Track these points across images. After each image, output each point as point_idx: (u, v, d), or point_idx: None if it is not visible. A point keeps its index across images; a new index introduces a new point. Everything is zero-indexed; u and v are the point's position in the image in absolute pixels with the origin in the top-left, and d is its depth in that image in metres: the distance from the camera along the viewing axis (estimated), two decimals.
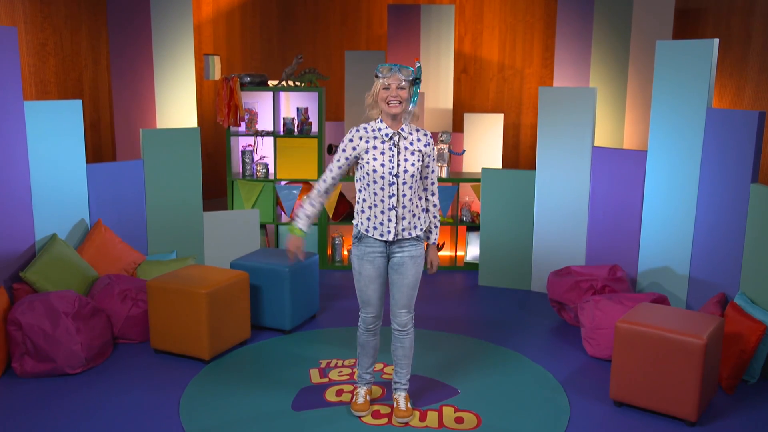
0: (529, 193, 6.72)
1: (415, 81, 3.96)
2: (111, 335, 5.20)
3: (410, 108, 3.97)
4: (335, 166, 4.06)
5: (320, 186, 4.11)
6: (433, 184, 4.12)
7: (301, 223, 4.08)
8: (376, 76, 3.97)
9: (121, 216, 6.12)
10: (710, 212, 5.55)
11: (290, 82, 7.48)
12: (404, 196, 4.01)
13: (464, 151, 7.80)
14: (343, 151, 4.04)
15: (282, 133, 7.39)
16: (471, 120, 7.93)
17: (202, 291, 4.94)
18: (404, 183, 3.99)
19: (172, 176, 6.40)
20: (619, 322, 4.43)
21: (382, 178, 3.98)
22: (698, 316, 4.52)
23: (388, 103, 3.92)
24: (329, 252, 7.63)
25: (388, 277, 4.18)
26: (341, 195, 7.48)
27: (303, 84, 7.33)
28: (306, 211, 4.11)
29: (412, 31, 8.57)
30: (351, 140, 4.02)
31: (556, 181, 6.53)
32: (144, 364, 5.02)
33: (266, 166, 7.40)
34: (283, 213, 7.60)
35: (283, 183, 7.54)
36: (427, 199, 4.15)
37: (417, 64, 3.98)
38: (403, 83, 3.92)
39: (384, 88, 3.94)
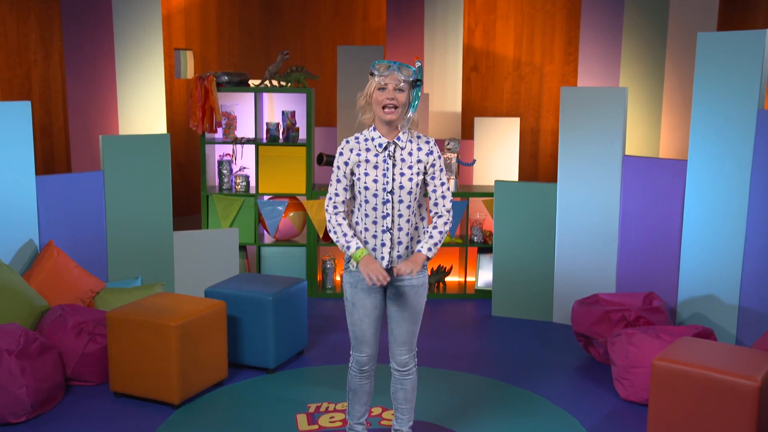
0: (549, 209, 6.72)
1: (416, 83, 3.96)
2: (63, 376, 5.15)
3: (409, 114, 3.97)
4: (340, 188, 4.04)
5: (336, 219, 4.04)
6: (444, 197, 4.05)
7: (354, 243, 4.00)
8: (371, 74, 3.96)
9: (77, 236, 6.10)
10: (763, 231, 5.51)
11: (274, 82, 7.50)
12: (400, 216, 4.00)
13: (474, 161, 7.82)
14: (338, 168, 4.04)
15: (265, 141, 7.42)
16: (482, 125, 7.96)
17: (171, 323, 4.92)
18: (400, 201, 3.98)
19: (138, 190, 6.39)
20: (656, 360, 4.39)
21: (375, 195, 3.98)
22: (750, 354, 4.47)
23: (383, 108, 3.92)
24: (319, 278, 7.65)
25: (386, 309, 4.16)
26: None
27: (289, 84, 7.36)
28: (345, 231, 4.03)
29: (415, 23, 8.59)
30: (341, 154, 4.03)
31: (581, 196, 6.54)
32: (102, 411, 4.96)
33: (246, 178, 7.42)
34: (266, 232, 7.62)
35: (266, 198, 7.56)
36: (437, 213, 4.09)
37: (417, 64, 3.99)
38: (402, 84, 3.92)
39: (379, 89, 3.93)
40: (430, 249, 3.99)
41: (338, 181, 4.04)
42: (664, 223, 6.11)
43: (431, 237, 4.02)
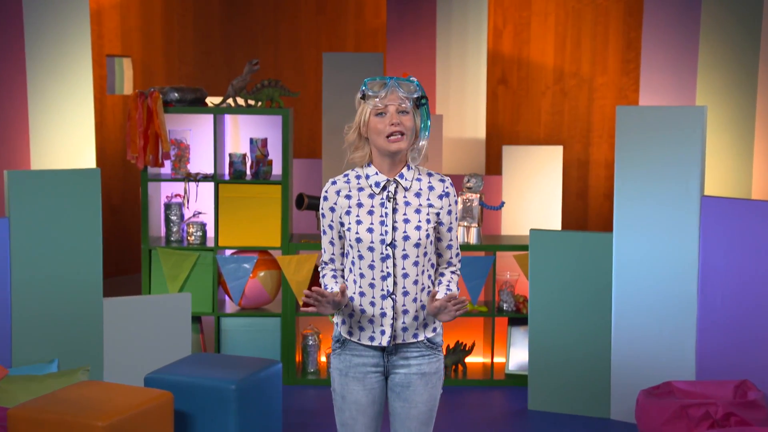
0: (603, 267, 6.70)
1: (421, 100, 4.04)
2: None
3: (422, 142, 4.04)
4: (326, 242, 4.15)
5: (322, 273, 4.18)
6: (450, 248, 4.16)
7: (329, 285, 4.15)
8: (363, 98, 4.02)
9: None
10: None
11: (240, 101, 7.57)
12: (405, 276, 4.03)
13: (503, 203, 7.77)
14: (323, 216, 4.11)
15: (227, 178, 7.47)
16: (513, 156, 7.98)
17: (98, 423, 4.86)
18: (404, 257, 4.02)
19: (56, 243, 6.36)
20: None
21: (371, 249, 4.00)
22: None
23: (387, 137, 3.96)
24: (298, 358, 7.64)
25: (387, 404, 4.15)
26: (316, 269, 7.51)
27: (260, 103, 7.41)
28: (327, 282, 4.17)
29: (425, 22, 8.66)
30: (326, 199, 4.09)
31: (645, 249, 6.52)
32: None
33: (202, 227, 7.45)
34: (227, 298, 7.63)
35: (228, 253, 7.58)
36: (442, 273, 4.20)
37: (412, 80, 4.07)
38: (405, 105, 3.98)
39: (377, 115, 3.98)
40: (454, 289, 4.09)
41: (324, 232, 4.13)
42: (760, 284, 6.08)
43: (452, 279, 4.13)
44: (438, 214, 4.05)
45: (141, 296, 6.84)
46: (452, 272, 4.15)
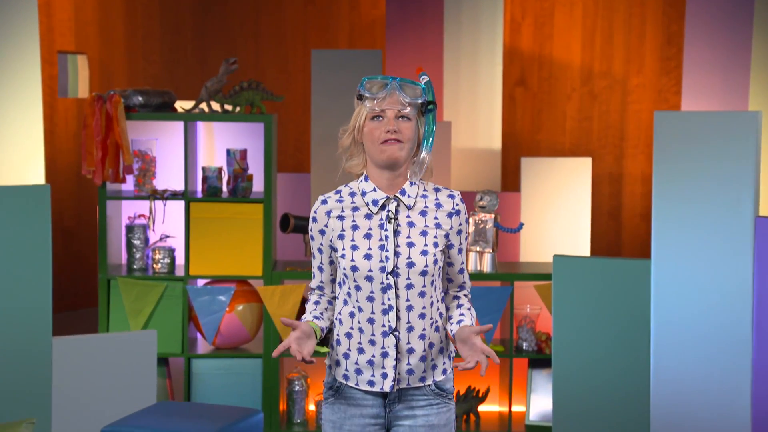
0: (640, 299, 6.64)
1: (428, 107, 4.07)
2: None
3: (423, 154, 4.05)
4: (315, 266, 4.22)
5: (310, 299, 4.28)
6: (462, 272, 4.22)
7: (309, 315, 4.22)
8: (359, 98, 4.05)
9: None
10: None
11: (216, 106, 7.53)
12: (410, 309, 4.05)
13: (522, 225, 7.76)
14: (312, 240, 4.16)
15: (200, 195, 7.50)
16: (534, 169, 8.03)
17: None
18: (409, 287, 4.04)
19: None
20: None
21: (370, 279, 4.00)
22: None
23: (381, 144, 3.98)
24: (283, 406, 7.65)
25: None
26: (304, 301, 7.50)
27: (238, 108, 7.45)
28: (311, 308, 4.25)
29: (430, 14, 8.73)
30: (315, 220, 4.13)
31: (690, 279, 6.44)
32: None
33: (171, 252, 7.48)
34: (200, 336, 7.64)
35: (200, 283, 7.60)
36: (456, 297, 4.28)
37: (423, 79, 4.12)
38: (407, 110, 3.99)
39: (373, 118, 4.01)
40: (469, 323, 4.12)
41: (313, 256, 4.20)
42: None
43: (464, 315, 4.14)
44: (447, 236, 4.07)
45: (97, 334, 6.80)
46: (469, 300, 4.20)
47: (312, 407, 7.68)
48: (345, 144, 4.10)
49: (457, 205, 4.11)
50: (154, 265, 7.41)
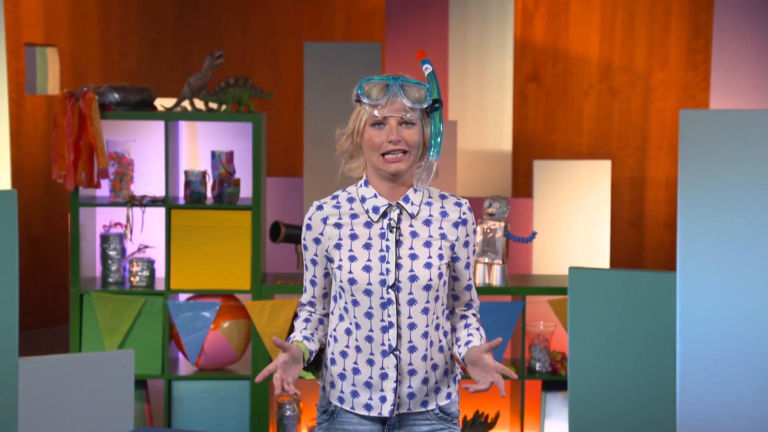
0: (665, 316, 6.65)
1: (434, 106, 4.07)
2: None
3: (430, 159, 4.03)
4: (308, 278, 4.21)
5: (300, 316, 4.27)
6: (469, 288, 4.21)
7: (298, 335, 4.18)
8: (359, 101, 4.03)
9: None
10: None
11: (199, 104, 7.57)
12: (412, 327, 4.04)
13: (534, 234, 7.75)
14: (305, 249, 4.14)
15: (182, 201, 7.49)
16: (548, 173, 8.08)
17: None
18: (411, 302, 4.03)
19: None
20: None
21: (368, 293, 3.99)
22: None
23: (383, 156, 3.98)
24: None
25: None
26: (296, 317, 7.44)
27: (224, 107, 7.45)
28: (300, 326, 4.23)
29: (434, 5, 8.77)
30: (310, 227, 4.10)
31: (719, 294, 6.41)
32: None
33: (150, 264, 7.47)
34: (182, 356, 7.65)
35: (182, 298, 7.61)
36: (464, 316, 4.27)
37: (426, 69, 4.13)
38: (410, 114, 4.00)
39: (374, 125, 3.99)
40: (478, 342, 4.11)
41: (306, 268, 4.18)
42: None
43: (472, 335, 4.13)
44: (453, 247, 4.05)
45: (69, 354, 6.79)
46: (478, 319, 4.20)
47: None
48: (343, 147, 4.09)
49: (464, 214, 4.09)
50: (132, 279, 7.38)
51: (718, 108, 7.28)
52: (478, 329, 4.14)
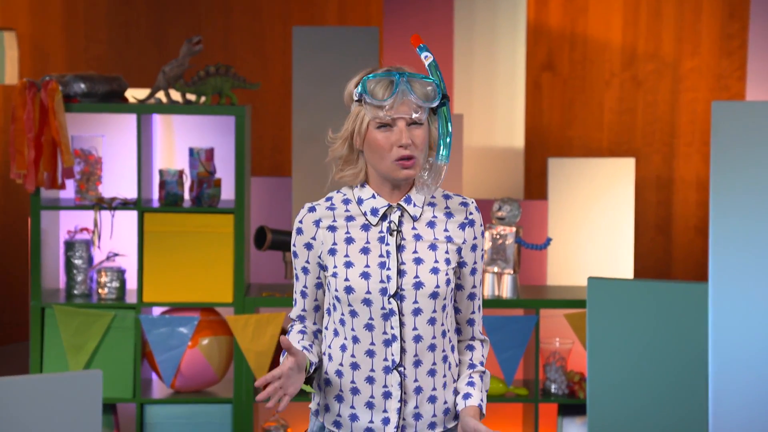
0: (695, 331, 6.64)
1: (442, 102, 4.06)
2: None
3: (439, 163, 4.02)
4: (298, 289, 4.21)
5: (292, 331, 4.24)
6: (472, 298, 4.21)
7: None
8: (359, 100, 4.00)
9: None
10: None
11: (176, 95, 7.70)
12: (418, 339, 4.05)
13: (549, 240, 7.76)
14: (295, 257, 4.14)
15: (157, 204, 7.51)
16: (564, 172, 8.10)
17: None
18: (416, 312, 4.03)
19: None
20: None
21: (368, 303, 3.99)
22: None
23: (395, 162, 3.96)
24: None
25: None
26: (284, 333, 7.50)
27: (203, 98, 7.46)
28: (295, 338, 4.21)
29: None
30: (300, 231, 4.10)
31: (756, 306, 6.40)
32: None
33: (120, 274, 7.48)
34: (155, 377, 7.68)
35: (156, 312, 7.63)
36: (471, 347, 4.29)
37: (425, 57, 4.12)
38: (419, 114, 3.99)
39: (380, 127, 3.96)
40: (482, 401, 4.12)
41: (296, 278, 4.19)
42: None
43: (476, 383, 4.14)
44: (459, 251, 4.05)
45: (29, 375, 6.78)
46: (483, 356, 4.20)
47: None
48: (338, 152, 4.06)
49: (471, 214, 4.08)
50: (100, 290, 7.37)
51: (755, 99, 7.24)
52: (481, 376, 4.16)
